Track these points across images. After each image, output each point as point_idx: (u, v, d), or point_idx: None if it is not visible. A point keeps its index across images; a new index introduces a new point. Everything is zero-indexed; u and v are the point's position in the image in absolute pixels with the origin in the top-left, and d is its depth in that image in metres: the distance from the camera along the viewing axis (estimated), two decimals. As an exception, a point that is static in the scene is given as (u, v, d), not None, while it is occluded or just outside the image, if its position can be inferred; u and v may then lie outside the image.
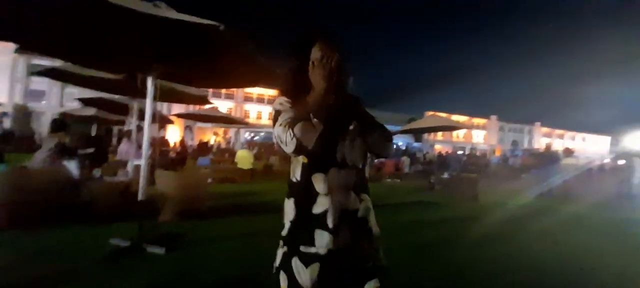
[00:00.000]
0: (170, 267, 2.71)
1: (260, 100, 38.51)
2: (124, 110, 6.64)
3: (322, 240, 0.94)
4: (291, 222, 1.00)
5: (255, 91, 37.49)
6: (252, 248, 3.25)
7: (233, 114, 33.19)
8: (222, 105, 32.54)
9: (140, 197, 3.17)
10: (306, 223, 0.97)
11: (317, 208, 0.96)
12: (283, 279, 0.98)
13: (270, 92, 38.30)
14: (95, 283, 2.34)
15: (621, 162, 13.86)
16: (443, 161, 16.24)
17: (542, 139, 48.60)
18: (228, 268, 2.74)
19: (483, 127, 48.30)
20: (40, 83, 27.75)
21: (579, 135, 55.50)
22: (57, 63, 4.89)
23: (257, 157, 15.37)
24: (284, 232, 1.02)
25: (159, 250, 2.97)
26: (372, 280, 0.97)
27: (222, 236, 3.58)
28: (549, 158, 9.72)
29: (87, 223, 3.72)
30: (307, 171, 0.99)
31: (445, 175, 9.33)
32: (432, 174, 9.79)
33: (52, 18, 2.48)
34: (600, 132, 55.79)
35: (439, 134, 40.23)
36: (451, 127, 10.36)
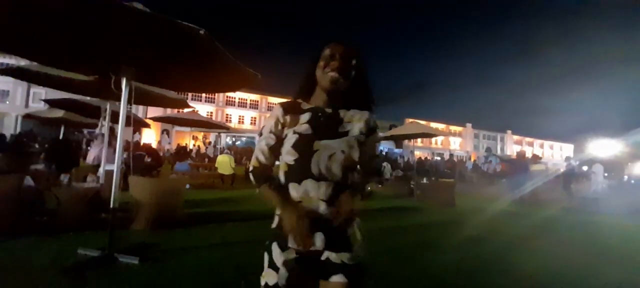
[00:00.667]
0: (144, 278, 2.58)
1: (242, 104, 37.95)
2: (95, 112, 6.31)
3: (295, 242, 1.03)
4: (278, 216, 1.11)
5: (237, 95, 36.93)
6: (231, 258, 3.17)
7: (214, 117, 32.47)
8: (202, 108, 31.80)
9: (112, 204, 3.01)
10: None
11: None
12: (265, 257, 1.11)
13: (253, 97, 37.96)
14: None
15: (584, 168, 14.85)
16: (422, 167, 16.67)
17: (513, 146, 51.07)
18: (205, 278, 2.64)
19: (459, 135, 50.12)
20: (4, 82, 25.96)
21: (547, 143, 58.80)
22: (23, 61, 4.59)
23: (238, 162, 15.12)
24: (274, 224, 1.12)
25: (132, 260, 2.83)
26: (338, 274, 1.03)
27: (200, 245, 3.46)
28: (522, 165, 10.21)
29: (52, 233, 3.49)
30: (286, 178, 1.10)
31: (424, 181, 9.55)
32: (411, 179, 9.99)
33: (17, 13, 2.33)
34: (565, 140, 59.41)
35: (419, 140, 41.44)
36: (430, 134, 10.65)
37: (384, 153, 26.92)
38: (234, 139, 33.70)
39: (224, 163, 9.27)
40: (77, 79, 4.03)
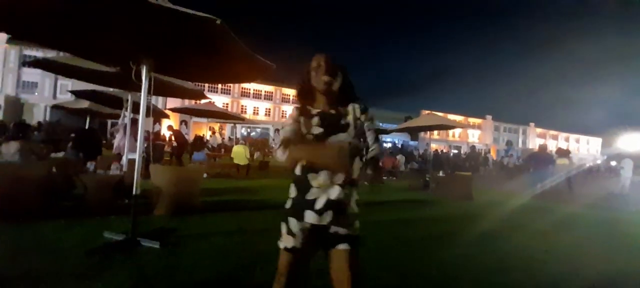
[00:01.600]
0: (165, 261, 2.70)
1: (256, 96, 38.32)
2: (118, 103, 6.55)
3: (310, 218, 1.32)
4: (292, 199, 1.38)
5: (251, 87, 37.30)
6: (247, 244, 3.25)
7: (229, 109, 32.98)
8: (218, 100, 32.34)
9: (134, 191, 3.14)
10: (301, 204, 1.33)
11: (310, 196, 1.32)
12: (283, 227, 1.37)
13: (267, 88, 38.23)
14: (89, 276, 2.32)
15: (613, 163, 14.08)
16: (438, 160, 16.34)
17: (536, 139, 49.10)
18: (222, 263, 2.73)
19: (478, 127, 48.64)
20: (33, 74, 27.33)
21: (573, 136, 56.18)
22: (50, 54, 4.80)
23: (252, 153, 15.36)
24: (288, 205, 1.38)
25: (153, 244, 2.96)
26: (344, 243, 1.34)
27: (217, 231, 3.57)
28: (544, 158, 9.77)
29: (79, 217, 3.69)
30: (305, 170, 1.33)
31: (440, 174, 9.38)
32: (427, 172, 9.83)
33: (45, 7, 2.43)
34: (592, 134, 56.54)
35: (435, 132, 40.53)
36: (446, 126, 10.40)
37: (399, 145, 26.57)
38: (249, 130, 34.18)
39: (239, 154, 9.45)
40: (100, 70, 4.19)
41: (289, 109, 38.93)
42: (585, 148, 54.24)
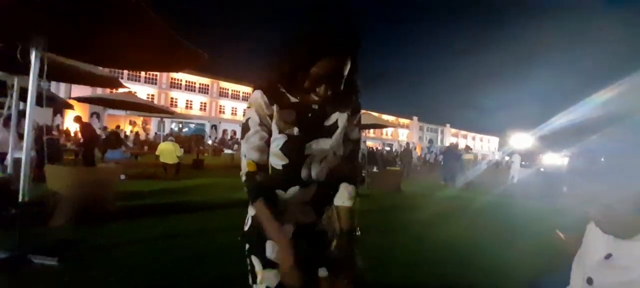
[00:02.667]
0: (66, 279, 2.26)
1: (189, 88, 35.19)
2: (1, 89, 5.25)
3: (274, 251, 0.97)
4: (252, 217, 1.01)
5: (183, 77, 34.05)
6: (173, 250, 2.93)
7: (156, 101, 29.65)
8: (141, 90, 28.72)
9: (21, 197, 2.54)
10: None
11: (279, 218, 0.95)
12: (256, 262, 1.00)
13: (203, 80, 35.43)
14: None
15: (507, 158, 17.08)
16: (373, 156, 17.52)
17: (451, 138, 56.51)
18: (140, 275, 2.40)
19: (407, 127, 53.71)
20: None
21: (478, 136, 66.30)
22: None
23: (187, 151, 14.06)
24: (247, 226, 1.03)
25: (49, 261, 2.46)
26: (322, 268, 1.03)
27: (136, 240, 3.14)
28: (453, 154, 11.72)
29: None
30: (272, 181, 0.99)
31: (374, 169, 10.02)
32: (363, 168, 10.41)
33: None
34: (492, 133, 67.60)
35: (371, 131, 43.27)
36: (382, 125, 11.16)
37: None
38: (180, 125, 31.30)
39: (168, 151, 8.54)
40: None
41: (228, 104, 37.00)
42: (486, 146, 64.44)
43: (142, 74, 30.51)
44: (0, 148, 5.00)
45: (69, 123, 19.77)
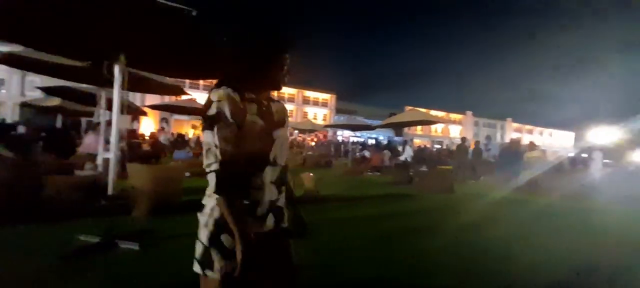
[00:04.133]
0: (145, 262, 2.62)
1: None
2: (91, 100, 6.26)
3: (253, 228, 1.07)
4: (215, 205, 1.10)
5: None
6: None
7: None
8: (200, 96, 31.46)
9: (110, 191, 3.02)
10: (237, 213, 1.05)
11: (249, 200, 1.10)
12: (214, 255, 1.07)
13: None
14: (64, 280, 2.21)
15: (584, 155, 14.90)
16: (421, 154, 16.69)
17: (513, 133, 51.12)
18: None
19: (459, 122, 50.05)
20: (-1, 70, 25.65)
21: (547, 131, 58.86)
22: (17, 48, 4.50)
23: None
24: (206, 214, 1.13)
25: (132, 246, 2.86)
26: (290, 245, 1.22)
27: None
28: (514, 152, 10.21)
29: (53, 220, 3.51)
30: (245, 165, 1.09)
31: (423, 168, 9.59)
32: (410, 167, 10.02)
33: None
34: (566, 128, 59.51)
35: (419, 128, 41.31)
36: (429, 122, 10.65)
37: (384, 141, 26.90)
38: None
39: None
40: (70, 65, 3.98)
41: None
42: (558, 142, 56.95)
43: (201, 82, 33.34)
44: (87, 150, 5.96)
45: (144, 128, 22.50)
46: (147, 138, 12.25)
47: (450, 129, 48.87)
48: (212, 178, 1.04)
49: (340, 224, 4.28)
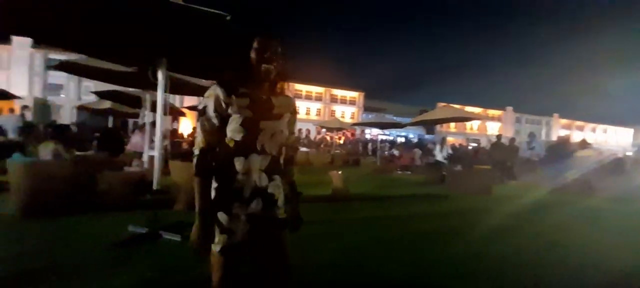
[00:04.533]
0: (185, 253, 2.78)
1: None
2: (137, 102, 6.79)
3: (240, 209, 1.23)
4: (215, 189, 1.25)
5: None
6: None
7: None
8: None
9: (155, 186, 3.26)
10: (226, 195, 1.23)
11: (236, 184, 1.23)
12: (215, 230, 1.24)
13: (295, 86, 38.40)
14: (117, 266, 2.45)
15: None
16: (455, 153, 15.93)
17: (561, 130, 47.01)
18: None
19: (498, 119, 47.06)
20: (58, 76, 28.60)
21: (600, 127, 53.37)
22: (73, 57, 5.00)
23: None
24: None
25: (174, 237, 3.06)
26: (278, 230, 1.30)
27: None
28: (562, 151, 9.35)
29: (104, 212, 3.87)
30: (233, 153, 1.24)
31: (458, 168, 9.15)
32: (443, 166, 9.63)
33: (65, 11, 2.54)
34: (623, 124, 53.50)
35: (452, 125, 39.42)
36: (463, 118, 10.14)
37: (414, 140, 26.08)
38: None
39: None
40: (119, 71, 4.34)
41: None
42: (614, 140, 51.41)
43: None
44: (133, 148, 6.46)
45: (183, 128, 23.86)
46: (186, 137, 13.00)
47: (487, 125, 46.15)
48: (194, 163, 1.22)
49: (369, 223, 4.24)
